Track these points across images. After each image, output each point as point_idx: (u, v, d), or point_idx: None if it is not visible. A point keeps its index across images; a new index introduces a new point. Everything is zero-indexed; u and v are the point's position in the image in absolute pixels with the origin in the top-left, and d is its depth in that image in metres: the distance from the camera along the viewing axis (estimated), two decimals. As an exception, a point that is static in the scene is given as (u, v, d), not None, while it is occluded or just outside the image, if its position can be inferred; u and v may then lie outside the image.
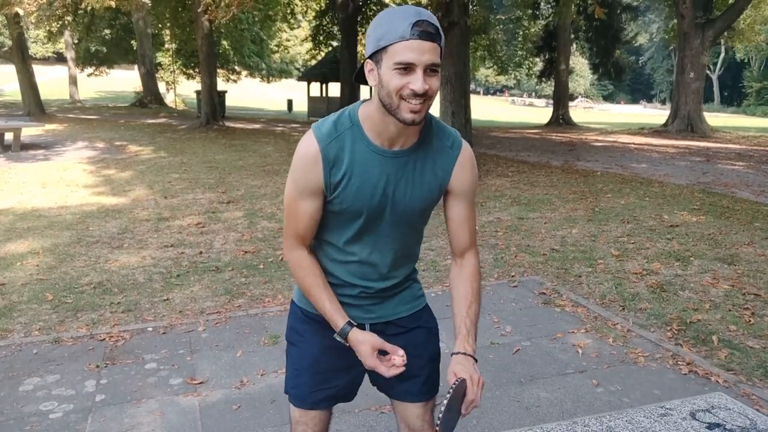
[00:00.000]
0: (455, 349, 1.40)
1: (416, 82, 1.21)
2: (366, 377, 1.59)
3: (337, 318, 1.43)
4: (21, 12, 13.61)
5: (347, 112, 1.37)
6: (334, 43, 24.63)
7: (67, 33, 25.24)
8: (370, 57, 1.27)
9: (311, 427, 1.57)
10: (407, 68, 1.20)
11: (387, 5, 23.18)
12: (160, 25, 26.76)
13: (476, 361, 1.39)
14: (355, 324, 1.43)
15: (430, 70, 1.22)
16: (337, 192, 1.35)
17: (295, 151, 1.37)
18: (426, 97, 1.23)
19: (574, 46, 27.12)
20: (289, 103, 31.30)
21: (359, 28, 22.00)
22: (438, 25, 1.23)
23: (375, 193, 1.35)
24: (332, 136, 1.33)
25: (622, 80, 29.93)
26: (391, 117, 1.28)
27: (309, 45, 27.81)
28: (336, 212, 1.40)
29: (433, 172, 1.40)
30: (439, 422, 1.25)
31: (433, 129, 1.40)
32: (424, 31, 1.19)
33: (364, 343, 1.40)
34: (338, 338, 1.44)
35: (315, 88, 25.35)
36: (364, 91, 24.19)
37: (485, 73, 51.88)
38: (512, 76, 34.97)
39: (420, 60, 1.20)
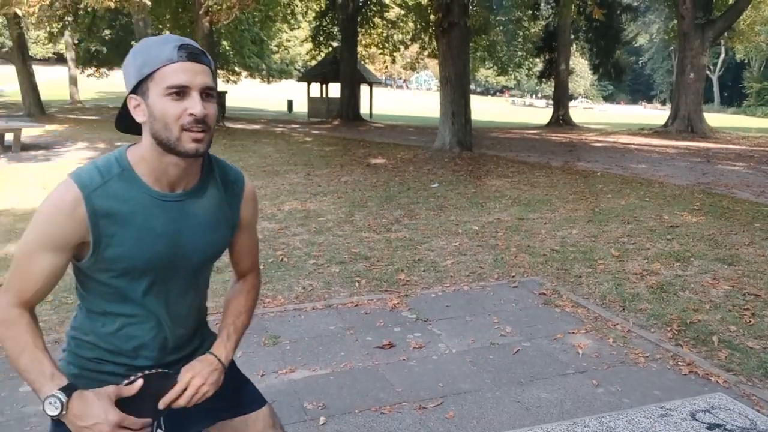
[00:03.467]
0: (211, 349, 1.33)
1: (195, 105, 1.11)
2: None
3: (57, 378, 1.12)
4: (20, 13, 13.61)
5: (113, 156, 1.20)
6: (334, 44, 24.65)
7: (67, 34, 25.25)
8: (133, 92, 1.15)
9: None
10: (180, 92, 1.11)
11: (387, 6, 23.21)
12: (160, 26, 26.76)
13: (224, 367, 1.30)
14: (77, 387, 1.13)
15: (205, 94, 1.13)
16: (111, 249, 1.15)
17: (45, 200, 1.15)
18: (206, 125, 1.13)
19: (574, 46, 27.12)
20: (290, 103, 31.32)
21: (359, 29, 22.03)
22: (203, 50, 1.16)
23: (162, 244, 1.19)
24: (97, 183, 1.14)
25: (622, 81, 29.97)
26: (169, 156, 1.15)
27: (309, 45, 27.84)
28: (118, 274, 1.18)
29: (221, 211, 1.29)
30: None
31: (214, 166, 1.30)
32: (191, 53, 1.12)
33: (99, 398, 1.12)
34: (49, 410, 1.09)
35: (315, 89, 25.36)
36: (364, 91, 24.24)
37: (485, 73, 51.92)
38: (512, 76, 35.00)
39: (194, 82, 1.12)
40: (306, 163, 10.96)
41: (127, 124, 1.24)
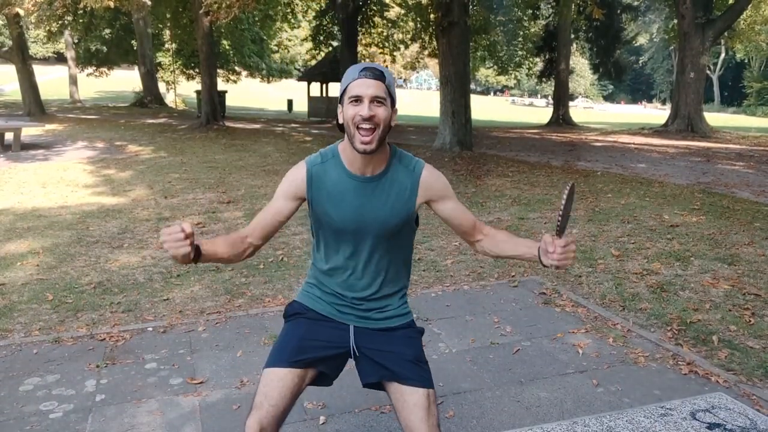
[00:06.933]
0: (533, 251, 1.70)
1: (363, 109, 1.51)
2: (355, 372, 1.74)
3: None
4: (21, 12, 13.60)
5: (331, 146, 1.69)
6: (334, 43, 24.63)
7: (67, 33, 25.24)
8: (340, 102, 1.59)
9: (274, 389, 1.60)
10: (357, 100, 1.53)
11: (387, 5, 23.20)
12: (160, 25, 26.76)
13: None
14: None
15: (376, 101, 1.52)
16: (318, 206, 1.65)
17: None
18: (373, 124, 1.51)
19: (575, 46, 27.10)
20: (290, 103, 31.28)
21: (359, 28, 22.00)
22: (383, 70, 1.55)
23: (352, 212, 1.62)
24: (317, 162, 1.66)
25: (622, 80, 29.99)
26: (352, 148, 1.57)
27: (309, 45, 27.80)
28: (324, 227, 1.69)
29: (400, 192, 1.65)
30: (558, 223, 1.61)
31: (398, 157, 1.68)
32: (369, 72, 1.53)
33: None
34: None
35: (315, 88, 25.33)
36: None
37: (485, 73, 51.87)
38: (512, 76, 34.98)
39: (366, 93, 1.52)
40: (306, 162, 10.94)
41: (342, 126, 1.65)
